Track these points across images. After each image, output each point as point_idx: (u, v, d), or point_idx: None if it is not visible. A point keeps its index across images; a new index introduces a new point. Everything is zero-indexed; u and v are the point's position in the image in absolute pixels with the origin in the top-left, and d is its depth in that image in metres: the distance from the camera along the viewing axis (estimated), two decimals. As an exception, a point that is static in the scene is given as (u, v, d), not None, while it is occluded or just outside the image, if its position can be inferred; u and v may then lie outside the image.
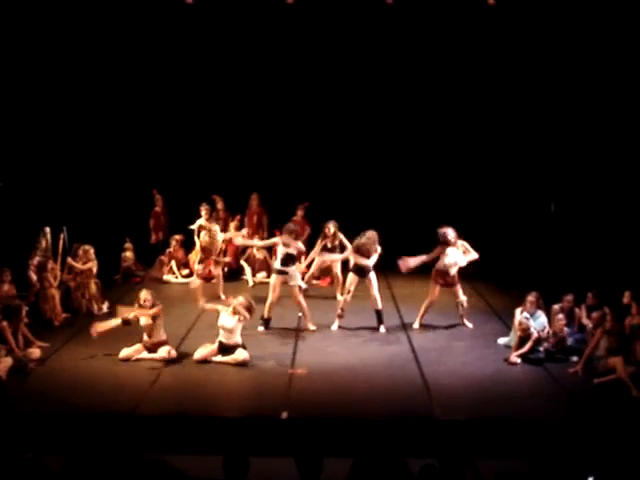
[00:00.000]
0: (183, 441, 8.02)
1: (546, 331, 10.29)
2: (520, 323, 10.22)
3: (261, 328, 11.48)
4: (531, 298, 10.52)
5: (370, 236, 11.54)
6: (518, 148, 15.66)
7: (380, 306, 11.60)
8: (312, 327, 11.54)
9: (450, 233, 11.56)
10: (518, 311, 10.50)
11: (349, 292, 11.67)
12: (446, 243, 11.57)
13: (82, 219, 14.41)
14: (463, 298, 11.72)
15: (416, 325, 11.67)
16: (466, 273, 14.38)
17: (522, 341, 10.13)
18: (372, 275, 11.54)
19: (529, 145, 15.59)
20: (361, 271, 11.53)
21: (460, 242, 11.69)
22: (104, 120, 15.89)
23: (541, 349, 10.13)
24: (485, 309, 12.71)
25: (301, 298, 11.61)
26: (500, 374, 9.73)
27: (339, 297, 12.62)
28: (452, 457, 5.37)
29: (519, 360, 10.02)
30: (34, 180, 15.29)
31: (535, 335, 10.08)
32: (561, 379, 9.54)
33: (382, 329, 11.50)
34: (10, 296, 11.15)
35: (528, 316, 10.31)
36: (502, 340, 10.81)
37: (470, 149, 16.03)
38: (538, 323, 10.36)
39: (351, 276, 11.68)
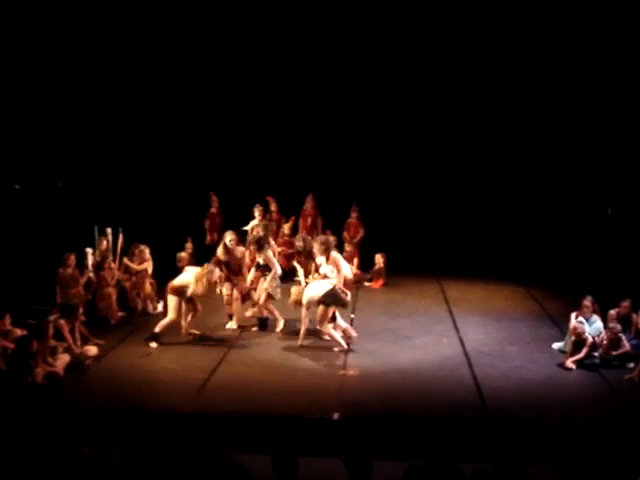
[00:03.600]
0: (235, 439, 8.08)
1: (601, 336, 10.15)
2: (575, 328, 10.08)
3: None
4: (586, 302, 10.41)
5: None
6: (575, 151, 15.46)
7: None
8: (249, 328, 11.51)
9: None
10: (573, 315, 10.39)
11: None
12: None
13: (139, 219, 14.60)
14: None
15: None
16: (520, 276, 14.34)
17: (577, 346, 9.99)
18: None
19: (587, 148, 15.38)
20: None
21: (334, 256, 10.86)
22: (163, 122, 16.13)
23: (596, 354, 9.98)
24: (539, 313, 12.56)
25: (270, 304, 11.49)
26: (554, 379, 9.61)
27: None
28: (506, 462, 5.33)
29: (574, 366, 9.89)
30: (93, 180, 15.61)
31: (590, 340, 9.94)
32: (616, 385, 9.39)
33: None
34: (75, 279, 11.53)
35: (583, 321, 10.18)
36: (556, 345, 10.67)
37: (527, 152, 15.87)
38: (594, 328, 10.22)
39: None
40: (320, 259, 10.96)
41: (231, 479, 5.21)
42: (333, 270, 10.79)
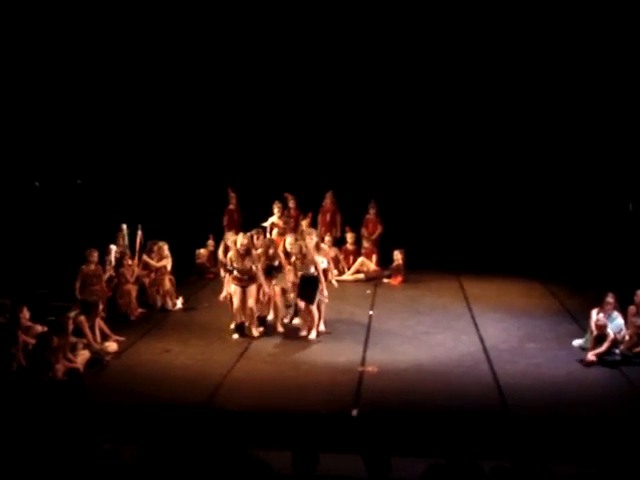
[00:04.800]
0: (253, 435, 8.10)
1: (622, 333, 10.08)
2: (597, 320, 10.02)
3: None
4: (609, 299, 10.29)
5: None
6: (597, 146, 15.37)
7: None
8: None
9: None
10: (594, 312, 10.32)
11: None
12: None
13: (158, 216, 14.66)
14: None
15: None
16: (540, 273, 14.25)
17: (598, 341, 9.92)
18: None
19: (608, 143, 15.28)
20: None
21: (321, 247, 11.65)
22: (182, 119, 16.19)
23: (617, 351, 9.92)
24: (559, 310, 12.50)
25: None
26: (574, 376, 9.56)
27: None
28: (526, 460, 5.30)
29: (595, 359, 9.82)
30: (112, 177, 15.70)
31: (612, 336, 9.87)
32: (637, 382, 9.33)
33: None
34: (98, 275, 11.48)
35: (604, 316, 10.12)
36: (577, 342, 10.60)
37: (548, 148, 15.79)
38: (615, 325, 10.15)
39: None
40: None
41: (252, 475, 5.22)
42: (323, 261, 11.28)
